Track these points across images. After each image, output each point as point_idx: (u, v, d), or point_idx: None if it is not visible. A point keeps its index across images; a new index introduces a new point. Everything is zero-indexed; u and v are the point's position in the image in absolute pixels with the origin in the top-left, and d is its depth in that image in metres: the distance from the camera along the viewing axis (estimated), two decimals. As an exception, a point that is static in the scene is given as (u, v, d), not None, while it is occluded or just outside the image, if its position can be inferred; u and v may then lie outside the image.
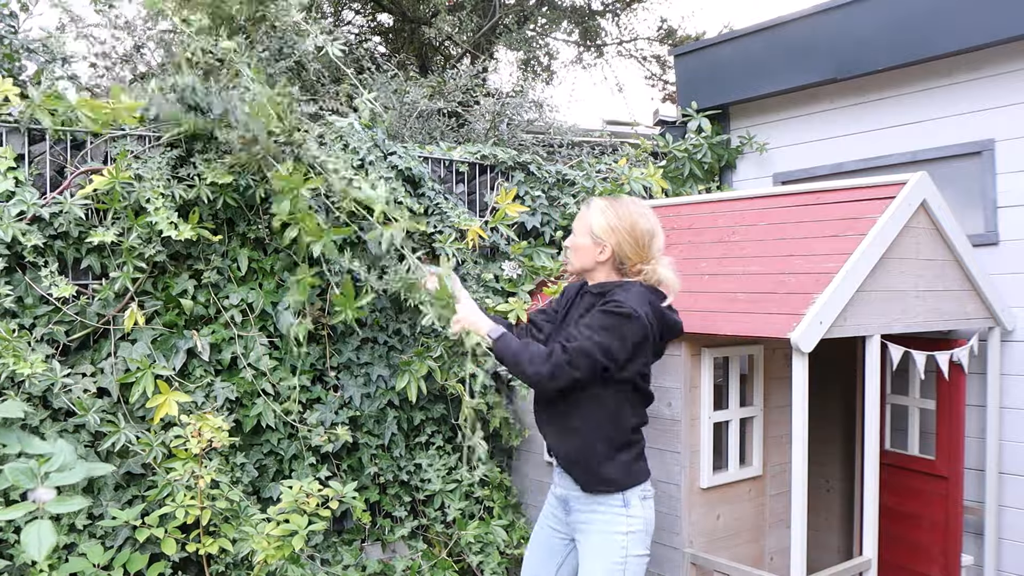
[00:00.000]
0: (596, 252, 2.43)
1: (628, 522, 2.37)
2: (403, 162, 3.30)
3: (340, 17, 9.77)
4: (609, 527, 2.38)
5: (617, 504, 2.37)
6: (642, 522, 2.38)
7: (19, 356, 2.35)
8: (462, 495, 3.35)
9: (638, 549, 2.37)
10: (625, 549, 2.36)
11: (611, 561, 2.35)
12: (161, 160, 2.79)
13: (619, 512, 2.37)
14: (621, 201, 2.48)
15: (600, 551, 2.38)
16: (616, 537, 2.37)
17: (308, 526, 2.63)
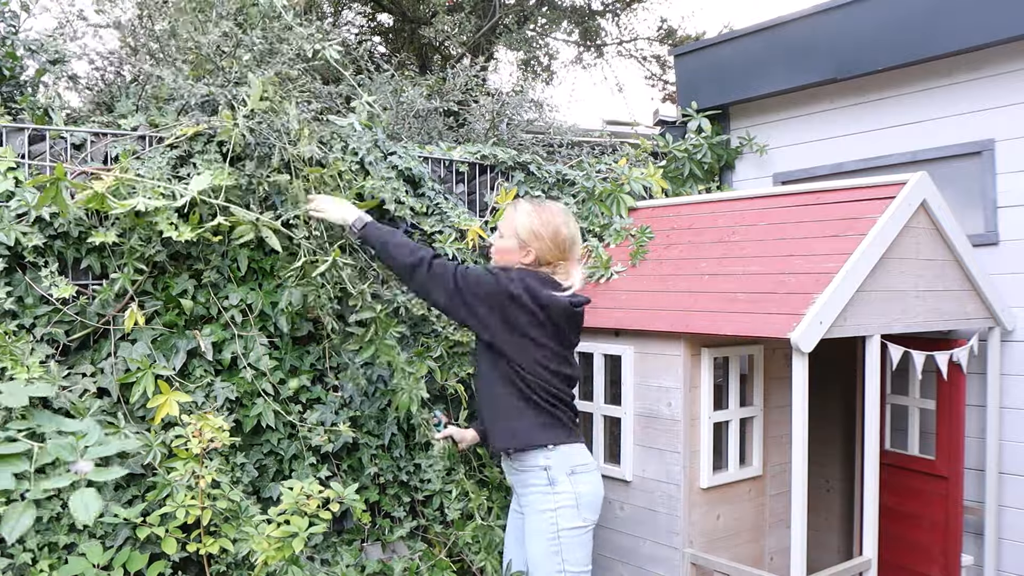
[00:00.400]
0: (521, 255, 2.64)
1: (555, 499, 2.55)
2: (403, 162, 3.30)
3: (340, 17, 9.77)
4: (539, 505, 2.58)
5: (542, 483, 2.57)
6: (571, 496, 2.55)
7: (16, 360, 2.35)
8: (461, 495, 3.35)
9: (570, 522, 2.55)
10: (555, 524, 2.55)
11: (545, 538, 2.56)
12: (162, 160, 2.79)
13: (545, 491, 2.57)
14: (546, 207, 2.67)
15: (534, 530, 2.60)
16: (545, 515, 2.56)
17: (309, 527, 2.63)
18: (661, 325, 2.93)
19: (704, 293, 2.97)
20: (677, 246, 3.36)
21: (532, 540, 2.60)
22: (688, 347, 2.88)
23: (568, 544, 2.54)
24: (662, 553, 2.94)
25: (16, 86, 3.09)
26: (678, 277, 3.16)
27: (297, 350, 3.09)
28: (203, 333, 2.86)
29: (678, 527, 2.88)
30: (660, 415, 2.95)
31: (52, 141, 2.74)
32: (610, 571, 3.14)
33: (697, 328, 2.82)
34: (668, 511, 2.91)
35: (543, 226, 2.60)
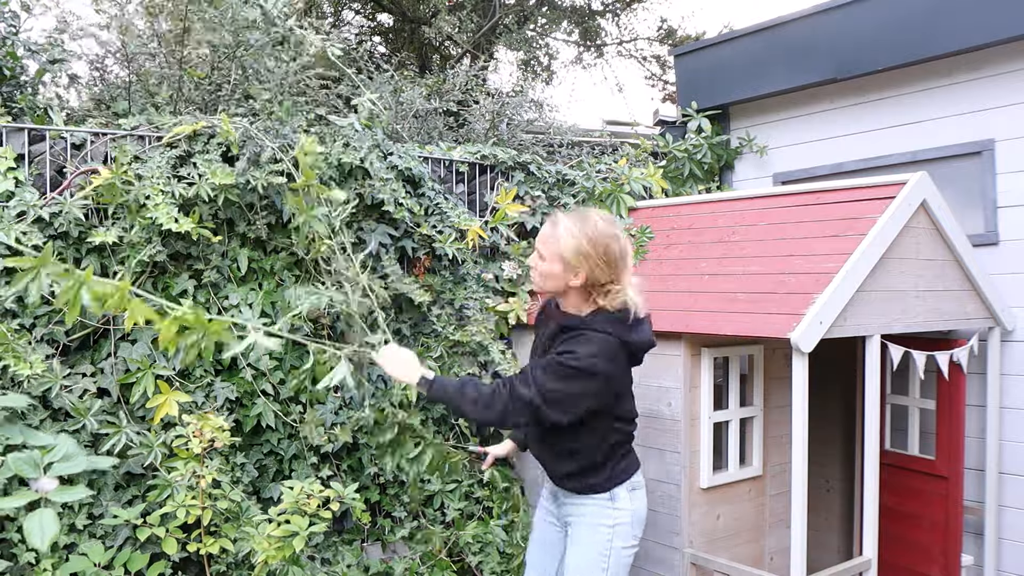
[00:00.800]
0: (569, 278, 2.28)
1: (614, 515, 2.41)
2: (403, 162, 3.30)
3: (340, 17, 9.77)
4: (595, 519, 2.42)
5: (603, 498, 2.42)
6: (629, 514, 2.43)
7: (19, 357, 2.35)
8: (461, 495, 3.35)
9: (624, 541, 2.43)
10: (610, 541, 2.40)
11: (596, 552, 2.41)
12: (161, 160, 2.79)
13: (605, 505, 2.42)
14: (590, 221, 2.28)
15: (585, 542, 2.43)
16: (602, 529, 2.41)
17: (309, 527, 2.63)
18: (661, 325, 2.92)
19: (704, 293, 2.97)
20: (677, 246, 3.36)
21: (580, 554, 2.42)
22: (688, 347, 2.88)
23: (617, 561, 2.41)
24: (662, 553, 2.94)
25: (16, 86, 3.09)
26: (678, 277, 3.16)
27: (297, 350, 3.09)
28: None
29: (678, 527, 2.88)
30: (660, 415, 2.95)
31: (52, 141, 2.74)
32: (610, 571, 3.14)
33: (697, 328, 2.82)
34: (668, 511, 2.91)
35: (591, 244, 2.24)
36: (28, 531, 1.40)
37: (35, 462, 1.53)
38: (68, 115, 3.19)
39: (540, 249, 2.34)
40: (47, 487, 1.51)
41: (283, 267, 3.05)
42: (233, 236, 2.97)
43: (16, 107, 2.96)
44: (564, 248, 2.26)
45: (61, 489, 1.51)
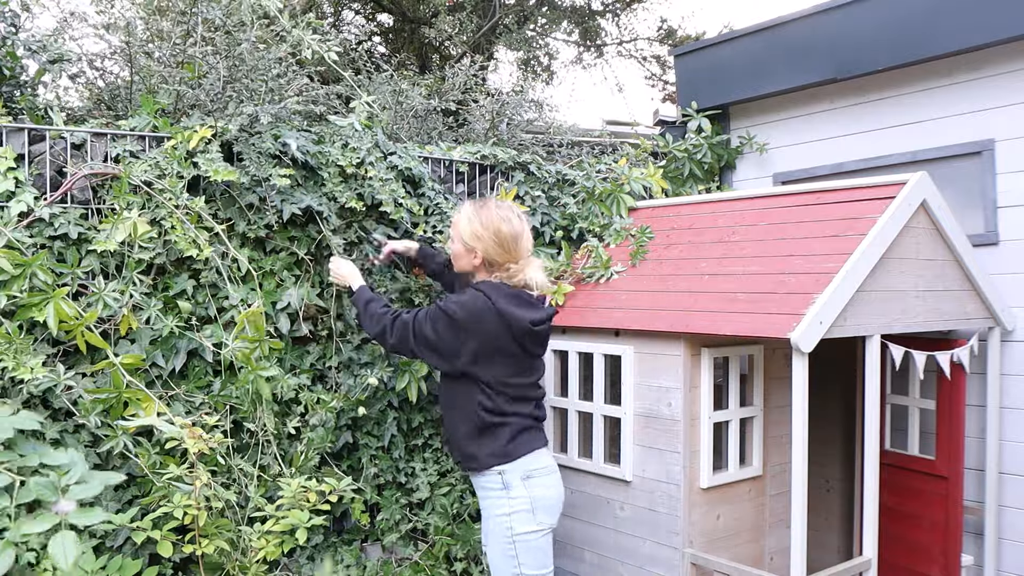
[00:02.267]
0: (470, 257, 2.66)
1: (510, 503, 2.56)
2: (403, 162, 3.30)
3: (340, 17, 9.77)
4: (494, 510, 2.60)
5: (497, 487, 2.58)
6: (526, 501, 2.55)
7: (19, 361, 2.35)
8: (455, 498, 3.36)
9: (525, 526, 2.55)
10: (510, 529, 2.55)
11: (501, 542, 2.57)
12: (165, 164, 2.79)
13: (500, 495, 2.58)
14: (486, 206, 2.66)
15: (490, 534, 2.62)
16: (500, 519, 2.57)
17: (309, 520, 2.64)
18: (661, 325, 2.92)
19: (704, 293, 2.97)
20: (677, 246, 3.36)
21: (490, 543, 2.63)
22: (688, 347, 2.87)
23: (523, 548, 2.55)
24: (662, 553, 2.94)
25: (16, 86, 3.09)
26: (678, 277, 3.16)
27: (297, 350, 3.09)
28: (204, 334, 2.86)
29: (678, 527, 2.88)
30: (660, 415, 2.95)
31: (52, 141, 2.74)
32: (610, 571, 3.14)
33: (697, 328, 2.81)
34: (668, 511, 2.91)
35: (483, 226, 2.60)
36: (53, 555, 1.45)
37: (54, 486, 1.57)
38: (68, 115, 3.19)
39: (451, 233, 2.75)
40: (67, 508, 1.55)
41: (283, 267, 3.05)
42: (233, 236, 2.97)
43: (16, 107, 2.96)
44: (463, 231, 2.65)
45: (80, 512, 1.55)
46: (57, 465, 1.62)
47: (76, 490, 1.59)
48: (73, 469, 1.61)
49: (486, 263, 2.65)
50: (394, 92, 4.45)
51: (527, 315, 2.58)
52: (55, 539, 1.49)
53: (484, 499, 2.66)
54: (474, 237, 2.62)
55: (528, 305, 2.62)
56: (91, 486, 1.61)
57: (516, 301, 2.59)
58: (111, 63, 3.64)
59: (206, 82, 3.24)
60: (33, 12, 3.32)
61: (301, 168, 3.07)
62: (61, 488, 1.58)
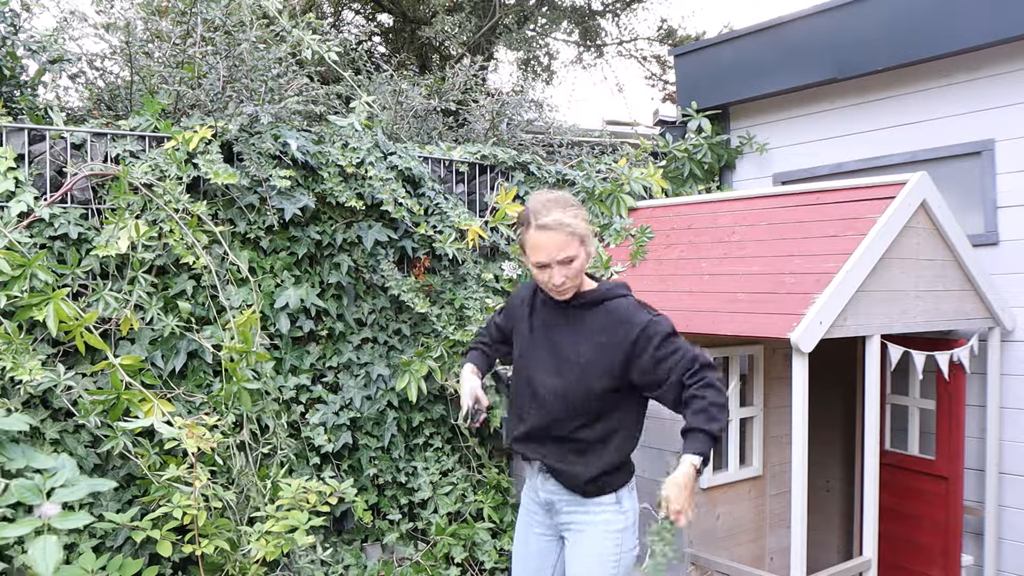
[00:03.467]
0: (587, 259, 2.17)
1: (623, 519, 2.27)
2: (403, 162, 3.30)
3: (340, 17, 9.77)
4: (606, 526, 2.27)
5: (611, 502, 2.26)
6: (633, 515, 2.31)
7: (17, 363, 2.34)
8: (457, 497, 3.36)
9: (631, 543, 2.30)
10: (620, 546, 2.27)
11: (608, 559, 2.26)
12: (165, 165, 2.79)
13: (615, 511, 2.26)
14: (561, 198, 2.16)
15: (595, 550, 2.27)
16: (613, 535, 2.26)
17: (308, 521, 2.64)
18: (661, 325, 2.92)
19: (704, 293, 2.97)
20: (677, 246, 3.36)
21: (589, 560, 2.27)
22: (688, 347, 2.87)
23: (624, 565, 2.28)
24: (662, 553, 2.94)
25: (16, 86, 3.09)
26: (678, 277, 3.15)
27: (297, 350, 3.09)
28: (203, 334, 2.86)
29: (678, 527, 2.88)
30: (660, 415, 2.94)
31: (52, 141, 2.74)
32: (610, 571, 3.14)
33: (697, 328, 2.81)
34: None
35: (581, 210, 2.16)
36: (33, 559, 1.41)
37: (38, 488, 1.54)
38: (68, 115, 3.19)
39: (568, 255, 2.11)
40: (50, 512, 1.51)
41: (283, 267, 3.05)
42: (233, 236, 2.97)
43: (16, 107, 2.96)
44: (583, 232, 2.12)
45: (63, 515, 1.51)
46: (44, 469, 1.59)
47: (62, 493, 1.55)
48: (59, 472, 1.58)
49: None
50: (394, 92, 4.45)
51: None
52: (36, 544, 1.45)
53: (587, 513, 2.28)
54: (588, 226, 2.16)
55: None
56: (77, 489, 1.57)
57: None
58: (111, 63, 3.64)
59: (206, 82, 3.24)
60: (33, 12, 3.31)
61: (301, 168, 3.07)
62: (46, 491, 1.55)
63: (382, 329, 3.27)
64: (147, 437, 2.69)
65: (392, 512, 3.26)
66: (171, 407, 2.61)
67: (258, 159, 2.93)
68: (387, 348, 3.28)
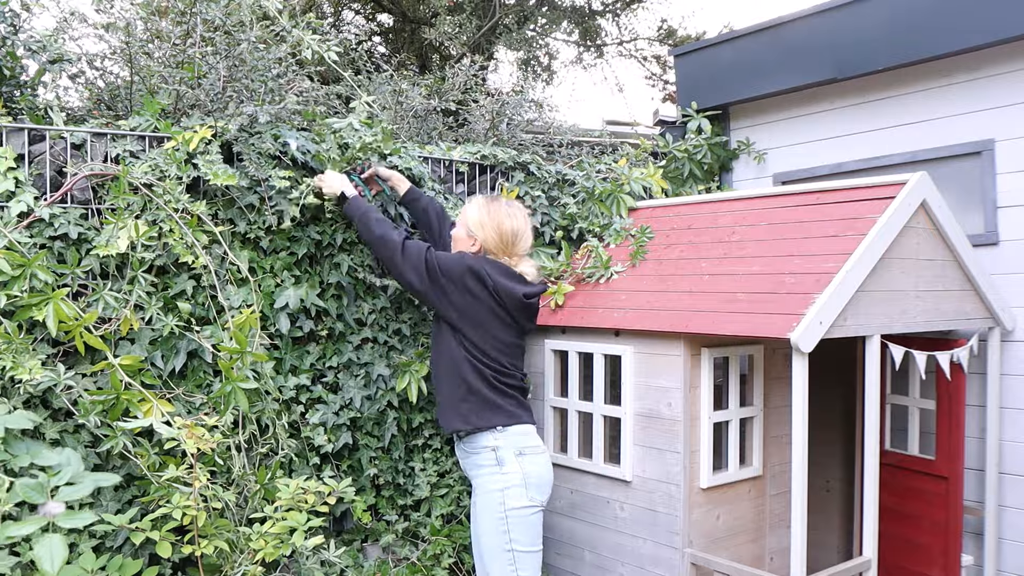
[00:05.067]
0: (469, 243, 2.86)
1: (503, 479, 2.65)
2: (403, 162, 3.30)
3: (340, 17, 9.77)
4: (487, 486, 2.68)
5: (491, 463, 2.69)
6: (519, 476, 2.66)
7: (17, 363, 2.34)
8: (453, 499, 3.36)
9: (518, 501, 2.64)
10: (503, 504, 2.63)
11: (493, 516, 2.65)
12: (165, 165, 2.79)
13: (493, 471, 2.68)
14: (497, 201, 2.88)
15: (482, 509, 2.69)
16: (493, 494, 2.66)
17: (307, 522, 2.63)
18: (661, 325, 2.92)
19: (704, 293, 2.97)
20: (677, 246, 3.36)
21: (480, 519, 2.69)
22: (688, 347, 2.87)
23: (515, 523, 2.63)
24: (662, 553, 2.94)
25: (16, 86, 3.09)
26: (678, 277, 3.15)
27: (297, 350, 3.09)
28: (203, 334, 2.86)
29: (678, 527, 2.88)
30: (660, 415, 2.95)
31: (52, 141, 2.74)
32: (610, 571, 3.14)
33: (697, 328, 2.81)
34: (668, 511, 2.91)
35: (489, 217, 2.82)
36: (39, 557, 1.41)
37: (42, 487, 1.53)
38: (68, 115, 3.19)
39: (457, 219, 2.98)
40: (54, 511, 1.51)
41: (283, 267, 3.05)
42: (233, 236, 2.97)
43: (16, 107, 2.96)
44: (469, 218, 2.87)
45: (68, 514, 1.51)
46: (49, 466, 1.59)
47: (66, 491, 1.55)
48: (64, 470, 1.58)
49: (483, 252, 2.85)
50: (394, 92, 4.44)
51: (520, 288, 2.80)
52: (42, 542, 1.45)
53: (477, 477, 2.75)
54: (478, 225, 2.84)
55: (520, 280, 2.84)
56: (81, 487, 1.57)
57: (508, 275, 2.81)
58: (111, 63, 3.63)
59: (206, 82, 3.24)
60: (33, 12, 3.31)
61: (300, 168, 3.07)
62: (50, 490, 1.54)
63: (382, 329, 3.27)
64: (147, 437, 2.69)
65: (389, 513, 3.26)
66: (171, 407, 2.60)
67: (258, 159, 2.93)
68: (387, 348, 3.28)
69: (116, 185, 2.69)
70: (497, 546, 2.64)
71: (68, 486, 1.55)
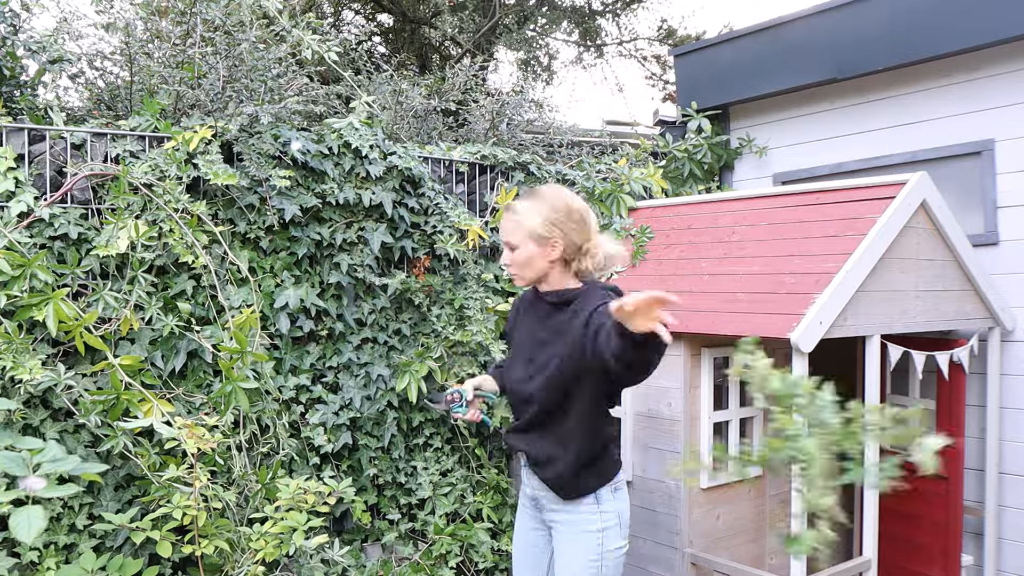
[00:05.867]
0: (548, 253, 2.23)
1: (602, 519, 2.31)
2: (403, 162, 3.30)
3: (340, 17, 9.77)
4: (582, 526, 2.32)
5: (589, 502, 2.31)
6: (615, 516, 2.33)
7: (17, 363, 2.34)
8: (456, 498, 3.36)
9: (614, 543, 2.32)
10: (600, 546, 2.31)
11: (587, 559, 2.31)
12: (165, 165, 2.79)
13: (592, 511, 2.31)
14: (543, 192, 2.27)
15: (575, 550, 2.33)
16: (590, 536, 2.31)
17: (307, 522, 2.64)
18: (661, 325, 2.92)
19: (704, 293, 2.97)
20: (677, 246, 3.36)
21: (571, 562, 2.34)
22: (688, 347, 2.87)
23: (609, 565, 2.33)
24: (662, 553, 2.94)
25: (16, 86, 3.09)
26: (678, 277, 3.15)
27: (297, 350, 3.09)
28: (203, 334, 2.86)
29: (678, 527, 2.88)
30: (660, 415, 2.95)
31: (52, 141, 2.74)
32: (610, 571, 3.14)
33: (697, 328, 2.81)
34: (668, 511, 2.91)
35: (554, 210, 2.21)
36: (15, 526, 1.39)
37: (24, 461, 1.52)
38: (68, 115, 3.19)
39: (510, 241, 2.26)
40: (36, 485, 1.50)
41: (283, 267, 3.05)
42: (233, 236, 2.97)
43: (16, 107, 2.96)
44: (533, 225, 2.21)
45: (52, 486, 1.50)
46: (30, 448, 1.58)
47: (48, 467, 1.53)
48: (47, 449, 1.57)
49: (566, 252, 2.24)
50: (394, 92, 4.45)
51: None
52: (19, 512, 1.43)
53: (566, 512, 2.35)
54: (549, 225, 2.20)
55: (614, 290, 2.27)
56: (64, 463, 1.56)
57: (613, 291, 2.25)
58: (111, 63, 3.64)
59: (206, 82, 3.24)
60: (33, 12, 3.31)
61: (301, 168, 3.07)
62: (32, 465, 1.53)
63: (382, 329, 3.27)
64: (147, 437, 2.69)
65: (392, 512, 3.26)
66: (171, 407, 2.60)
67: (258, 159, 2.93)
68: (387, 348, 3.28)
69: (116, 185, 2.70)
70: None
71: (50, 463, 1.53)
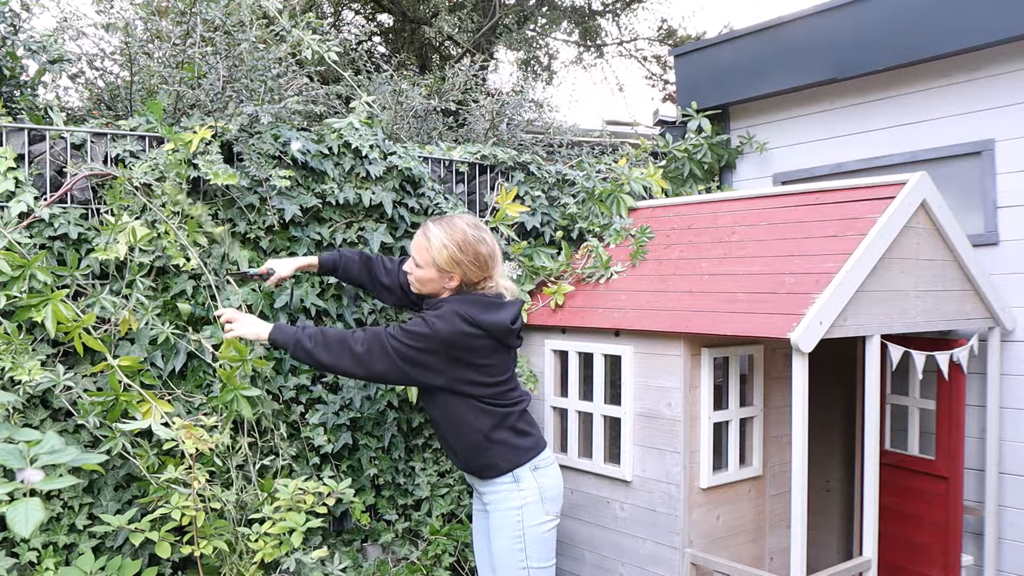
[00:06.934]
0: (445, 282, 2.56)
1: (520, 496, 2.57)
2: (403, 162, 3.30)
3: (340, 17, 9.77)
4: (503, 504, 2.59)
5: (507, 481, 2.58)
6: (535, 491, 2.59)
7: (16, 363, 2.34)
8: (453, 499, 3.37)
9: (535, 518, 2.59)
10: (520, 522, 2.57)
11: (510, 535, 2.58)
12: (164, 167, 2.79)
13: (511, 488, 2.58)
14: (458, 228, 2.53)
15: (498, 526, 2.61)
16: (510, 512, 2.58)
17: (305, 523, 2.63)
18: (661, 325, 2.92)
19: (704, 293, 2.97)
20: (677, 246, 3.36)
21: (497, 537, 2.62)
22: (688, 347, 2.87)
23: (532, 541, 2.58)
24: (662, 553, 2.94)
25: (16, 86, 3.09)
26: (678, 277, 3.15)
27: (297, 350, 3.09)
28: (203, 334, 2.86)
29: (678, 527, 2.88)
30: (660, 415, 2.95)
31: (52, 141, 2.74)
32: (610, 571, 3.14)
33: (697, 328, 2.81)
34: (668, 511, 2.91)
35: (461, 251, 2.50)
36: (12, 519, 1.37)
37: (21, 453, 1.50)
38: (68, 115, 3.19)
39: (415, 255, 2.59)
40: (34, 478, 1.48)
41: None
42: (233, 236, 2.97)
43: (16, 107, 2.96)
44: (437, 257, 2.52)
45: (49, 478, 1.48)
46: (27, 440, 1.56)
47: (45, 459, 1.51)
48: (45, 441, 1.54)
49: (462, 284, 2.57)
50: (394, 92, 4.44)
51: (506, 316, 2.54)
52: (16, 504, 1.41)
53: (489, 492, 2.63)
54: (452, 262, 2.51)
55: (501, 307, 2.56)
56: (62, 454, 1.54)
57: (491, 307, 2.54)
58: (111, 63, 3.64)
59: (206, 82, 3.24)
60: (33, 12, 3.31)
61: (301, 168, 3.07)
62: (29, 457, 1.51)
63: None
64: (146, 438, 2.69)
65: (388, 512, 3.26)
66: (170, 408, 2.60)
67: (258, 159, 2.93)
68: (387, 348, 3.28)
69: (112, 191, 2.70)
70: (512, 564, 2.59)
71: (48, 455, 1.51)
